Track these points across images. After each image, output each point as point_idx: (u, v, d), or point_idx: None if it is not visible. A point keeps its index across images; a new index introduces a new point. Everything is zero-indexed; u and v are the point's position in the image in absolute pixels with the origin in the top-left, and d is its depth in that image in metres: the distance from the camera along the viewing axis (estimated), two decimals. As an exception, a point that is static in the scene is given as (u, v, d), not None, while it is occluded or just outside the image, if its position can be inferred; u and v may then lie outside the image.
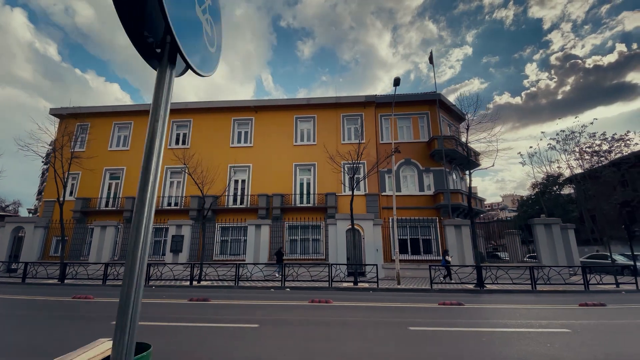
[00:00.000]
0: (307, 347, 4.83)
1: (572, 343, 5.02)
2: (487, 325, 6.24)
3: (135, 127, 23.13)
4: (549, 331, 5.76)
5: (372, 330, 5.90)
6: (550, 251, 16.19)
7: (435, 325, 6.25)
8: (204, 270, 14.52)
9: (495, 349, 4.73)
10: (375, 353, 4.53)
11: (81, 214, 21.27)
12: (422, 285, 13.14)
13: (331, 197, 20.25)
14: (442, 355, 4.46)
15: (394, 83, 14.48)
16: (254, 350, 4.65)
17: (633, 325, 6.34)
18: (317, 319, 6.82)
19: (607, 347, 4.78)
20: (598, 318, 6.96)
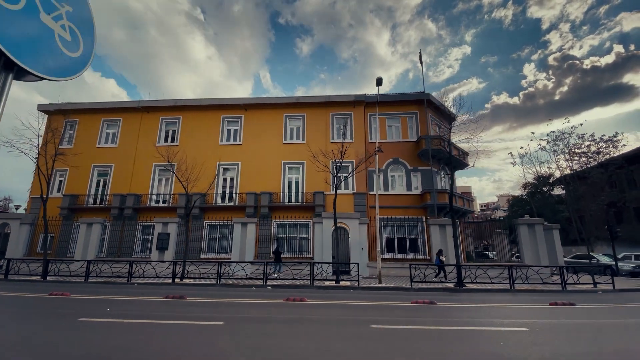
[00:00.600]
0: (261, 344, 4.88)
1: (525, 342, 5.10)
2: (450, 324, 6.33)
3: (123, 123, 23.03)
4: (508, 330, 5.85)
5: (334, 328, 5.97)
6: (532, 251, 16.36)
7: (399, 323, 6.33)
8: (188, 269, 14.56)
9: (446, 346, 4.81)
10: (325, 350, 4.59)
11: (68, 210, 21.18)
12: (403, 284, 13.23)
13: (319, 196, 20.31)
14: (391, 351, 4.52)
15: (376, 83, 14.53)
16: (207, 348, 4.70)
17: (593, 324, 6.45)
18: (285, 317, 6.88)
19: (558, 347, 4.87)
20: (561, 317, 7.06)
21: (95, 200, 21.90)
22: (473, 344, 4.95)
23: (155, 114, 22.96)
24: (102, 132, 23.16)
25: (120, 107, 23.17)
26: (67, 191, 22.10)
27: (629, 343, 5.12)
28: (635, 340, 5.30)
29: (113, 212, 20.75)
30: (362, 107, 22.36)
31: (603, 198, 25.13)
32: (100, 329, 5.90)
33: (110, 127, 23.31)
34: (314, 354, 4.42)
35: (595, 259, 19.22)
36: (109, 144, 22.91)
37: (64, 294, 9.94)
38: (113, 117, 23.23)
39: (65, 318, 6.80)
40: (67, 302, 8.88)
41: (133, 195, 20.91)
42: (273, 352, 4.50)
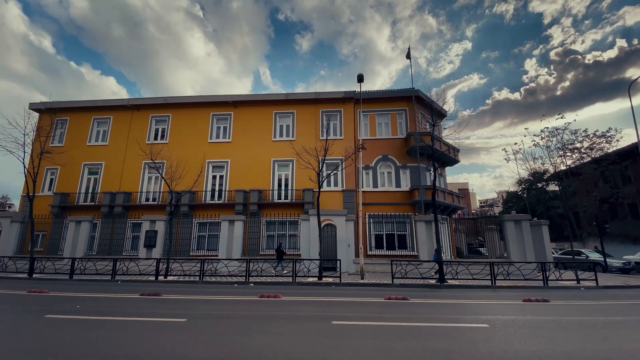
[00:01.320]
0: (212, 340, 4.90)
1: (479, 338, 5.10)
2: (412, 320, 6.33)
3: (114, 122, 23.04)
4: (468, 326, 5.85)
5: (294, 324, 5.98)
6: (519, 247, 16.32)
7: (362, 319, 6.33)
8: (173, 266, 14.62)
9: (395, 342, 4.81)
10: (276, 345, 4.60)
11: (59, 208, 21.25)
12: (386, 280, 13.23)
13: (308, 193, 20.28)
14: (338, 347, 4.52)
15: (357, 80, 14.46)
16: (156, 343, 4.72)
17: (558, 322, 6.43)
18: (250, 314, 6.90)
19: (511, 343, 4.86)
20: (528, 314, 7.05)
21: (86, 198, 21.96)
22: (423, 340, 4.95)
23: (145, 111, 22.96)
24: (93, 130, 23.18)
25: (111, 105, 23.15)
26: (58, 189, 22.17)
27: (584, 341, 5.10)
28: (592, 339, 5.28)
29: (103, 210, 20.81)
30: (352, 103, 22.29)
31: (595, 194, 25.02)
32: (62, 325, 5.94)
33: (101, 125, 23.33)
34: (260, 350, 4.43)
35: (585, 255, 19.17)
36: (99, 142, 22.94)
37: (42, 291, 10.01)
38: (103, 115, 23.25)
39: (33, 314, 6.84)
40: (43, 299, 8.94)
41: (123, 193, 20.96)
42: (219, 348, 4.52)
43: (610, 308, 8.02)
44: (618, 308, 8.00)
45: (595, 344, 4.84)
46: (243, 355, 4.22)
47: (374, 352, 4.35)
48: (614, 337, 5.25)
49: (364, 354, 4.28)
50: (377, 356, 4.21)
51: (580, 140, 27.83)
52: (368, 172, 21.40)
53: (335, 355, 4.20)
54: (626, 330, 5.76)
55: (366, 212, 20.48)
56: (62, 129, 23.52)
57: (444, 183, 23.62)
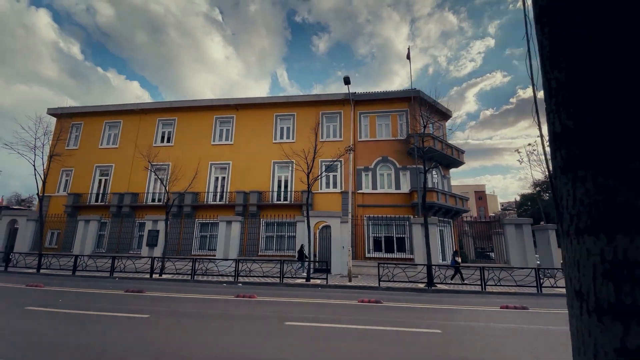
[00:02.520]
0: (161, 335, 5.09)
1: (422, 343, 5.05)
2: (368, 323, 6.28)
3: (124, 125, 24.08)
4: (419, 331, 5.76)
5: (248, 323, 6.10)
6: (519, 251, 15.76)
7: (317, 321, 6.36)
8: (171, 264, 15.10)
9: (332, 344, 4.82)
10: (211, 342, 4.73)
11: (72, 208, 22.40)
12: (375, 282, 13.12)
13: (307, 195, 20.38)
14: (275, 346, 4.59)
15: (344, 82, 14.47)
16: (103, 337, 4.96)
17: (519, 330, 6.22)
18: (214, 312, 7.08)
19: (456, 350, 4.77)
20: (494, 321, 6.85)
21: (97, 198, 23.03)
22: (361, 342, 4.94)
23: (152, 115, 23.85)
24: (105, 134, 24.31)
25: (121, 110, 24.22)
26: (72, 190, 23.38)
27: (531, 351, 4.93)
28: (540, 347, 5.10)
29: (112, 210, 21.77)
30: (352, 105, 22.22)
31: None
32: (35, 316, 6.33)
33: (112, 129, 24.44)
34: (190, 345, 4.57)
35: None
36: (110, 144, 24.03)
37: (38, 286, 10.64)
38: (114, 120, 24.35)
39: (15, 306, 7.31)
40: (35, 292, 9.50)
41: (130, 194, 21.85)
42: (161, 342, 4.70)
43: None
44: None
45: (520, 354, 4.67)
46: (167, 349, 4.37)
47: (297, 352, 4.40)
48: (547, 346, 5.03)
49: (287, 354, 4.34)
50: (299, 356, 4.26)
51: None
52: (367, 173, 21.28)
53: (259, 354, 4.28)
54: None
55: (365, 214, 20.39)
56: (77, 133, 24.82)
57: (447, 185, 23.10)
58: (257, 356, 4.22)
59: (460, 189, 65.61)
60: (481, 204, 66.88)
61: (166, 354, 4.23)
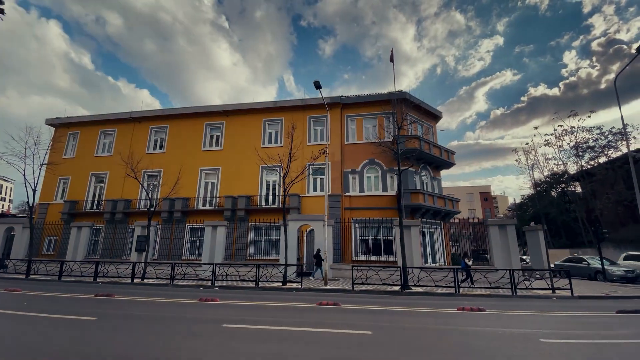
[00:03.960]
0: (98, 336, 5.21)
1: (342, 344, 5.06)
2: (306, 325, 6.30)
3: (118, 134, 24.69)
4: (350, 332, 5.77)
5: (187, 325, 6.19)
6: (503, 253, 15.48)
7: (257, 323, 6.39)
8: (152, 269, 15.37)
9: (257, 345, 4.86)
10: (140, 343, 4.82)
11: (69, 215, 23.02)
12: (347, 286, 13.08)
13: (294, 198, 20.55)
14: (201, 347, 4.65)
15: (315, 86, 14.57)
16: (42, 337, 5.11)
17: (459, 331, 6.15)
18: (163, 315, 7.20)
19: (370, 351, 4.77)
20: (435, 323, 6.79)
21: (92, 205, 23.61)
22: (283, 344, 4.97)
23: (145, 123, 24.41)
24: (100, 142, 24.98)
25: (115, 119, 24.86)
26: (69, 197, 24.04)
27: (455, 353, 4.90)
28: (454, 348, 5.05)
29: (106, 217, 22.29)
30: (339, 109, 22.34)
31: (610, 196, 23.12)
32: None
33: (107, 137, 25.10)
34: (116, 345, 4.68)
35: (587, 262, 17.74)
36: (105, 153, 24.65)
37: (16, 290, 10.99)
38: (109, 128, 25.00)
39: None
40: (8, 296, 9.81)
41: (123, 200, 22.34)
42: (91, 344, 4.82)
43: (543, 320, 7.48)
44: (553, 320, 7.44)
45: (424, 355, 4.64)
46: (84, 349, 4.48)
47: (211, 352, 4.46)
48: (463, 349, 4.96)
49: (199, 353, 4.40)
50: (206, 355, 4.33)
51: (595, 138, 25.98)
52: (355, 176, 21.29)
53: (182, 354, 4.37)
54: (497, 342, 5.37)
55: (352, 217, 20.37)
56: (74, 142, 25.57)
57: (438, 186, 22.91)
58: (166, 355, 4.30)
59: (464, 190, 64.85)
60: (487, 205, 65.81)
61: (79, 353, 4.36)
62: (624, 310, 8.16)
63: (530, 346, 5.04)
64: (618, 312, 8.11)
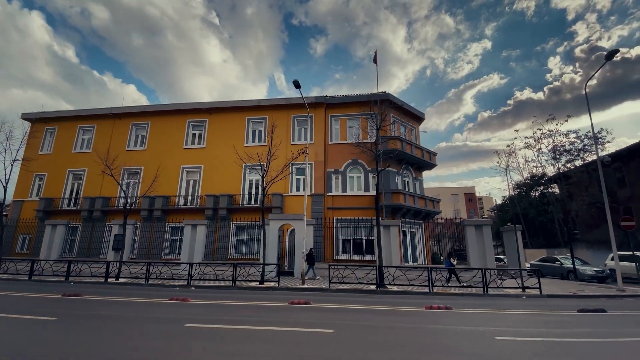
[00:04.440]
0: (54, 335, 5.10)
1: (302, 342, 5.09)
2: (274, 324, 6.27)
3: (97, 130, 24.13)
4: (313, 331, 5.80)
5: (151, 326, 6.11)
6: (479, 252, 15.80)
7: (219, 322, 6.35)
8: (132, 268, 15.09)
9: (211, 344, 4.85)
10: (94, 344, 4.73)
11: (44, 213, 22.36)
12: (325, 285, 13.13)
13: (277, 197, 20.50)
14: (157, 347, 4.59)
15: (295, 85, 14.59)
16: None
17: (419, 329, 6.26)
18: (126, 315, 7.08)
19: (335, 349, 4.80)
20: (403, 322, 6.90)
21: (69, 203, 23.01)
22: (240, 343, 4.97)
23: (126, 120, 23.92)
24: (78, 138, 24.35)
25: (95, 114, 24.27)
26: (45, 194, 23.36)
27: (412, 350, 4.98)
28: (407, 345, 5.15)
29: (83, 215, 21.75)
30: (323, 108, 22.38)
31: (584, 198, 23.88)
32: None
33: (86, 134, 24.49)
34: (69, 344, 4.59)
35: (560, 262, 18.29)
36: (83, 149, 24.05)
37: (-22, 290, 10.62)
38: (88, 124, 24.40)
39: None
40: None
41: (102, 198, 21.85)
42: (41, 344, 4.70)
43: (505, 318, 7.67)
44: (514, 318, 7.64)
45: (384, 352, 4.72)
46: (36, 351, 4.38)
47: (162, 351, 4.42)
48: (411, 344, 5.07)
49: (160, 354, 4.35)
50: (164, 356, 4.28)
51: (572, 141, 26.77)
52: (338, 176, 21.37)
53: (135, 354, 4.31)
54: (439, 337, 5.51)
55: (335, 217, 20.45)
56: (51, 138, 24.85)
57: (419, 187, 23.21)
58: (117, 355, 4.24)
59: (450, 191, 65.87)
60: (471, 205, 67.00)
61: (22, 353, 4.26)
62: (584, 309, 8.45)
63: (484, 343, 5.17)
64: (579, 310, 8.39)
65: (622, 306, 9.62)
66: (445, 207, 59.82)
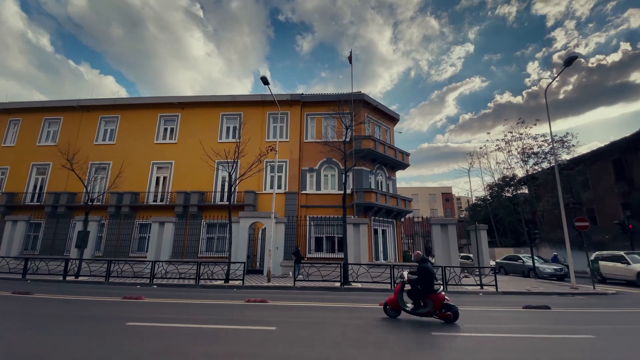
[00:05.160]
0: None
1: (246, 339, 5.09)
2: (219, 322, 6.24)
3: (64, 122, 23.22)
4: (255, 328, 5.81)
5: (89, 323, 5.97)
6: (444, 251, 16.21)
7: (169, 321, 6.27)
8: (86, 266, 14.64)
9: (144, 342, 4.78)
10: (27, 341, 4.57)
11: (6, 208, 21.38)
12: (289, 283, 13.16)
13: (250, 195, 20.34)
14: (91, 345, 4.49)
15: (262, 82, 14.53)
16: None
17: (360, 325, 6.39)
18: (71, 313, 6.90)
19: (272, 345, 4.81)
20: (353, 318, 7.02)
21: (33, 198, 22.08)
22: (179, 341, 4.92)
23: (95, 113, 23.13)
24: (44, 131, 23.37)
25: (61, 106, 23.34)
26: (7, 189, 22.33)
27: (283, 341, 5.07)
28: (356, 341, 5.24)
29: (47, 210, 20.92)
30: (299, 106, 22.34)
31: (548, 199, 24.90)
32: None
33: (52, 126, 23.53)
34: (8, 345, 4.43)
35: (522, 260, 19.04)
36: (49, 142, 23.10)
37: None
38: (54, 116, 23.44)
39: None
40: None
41: (67, 193, 21.08)
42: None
43: (466, 314, 7.89)
44: (460, 314, 7.89)
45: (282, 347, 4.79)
46: None
47: (98, 351, 4.33)
48: (321, 338, 5.18)
49: (91, 352, 4.26)
50: (95, 354, 4.20)
51: (539, 144, 27.80)
52: (312, 174, 21.41)
53: (65, 353, 4.20)
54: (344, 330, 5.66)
55: (308, 215, 20.51)
56: (14, 130, 23.74)
57: (392, 186, 23.58)
58: (48, 354, 4.12)
59: (427, 191, 67.20)
60: (448, 205, 68.59)
61: None
62: (529, 306, 8.82)
63: (419, 339, 5.32)
64: (524, 307, 8.75)
65: (569, 303, 10.09)
66: (423, 206, 61.04)
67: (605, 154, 24.95)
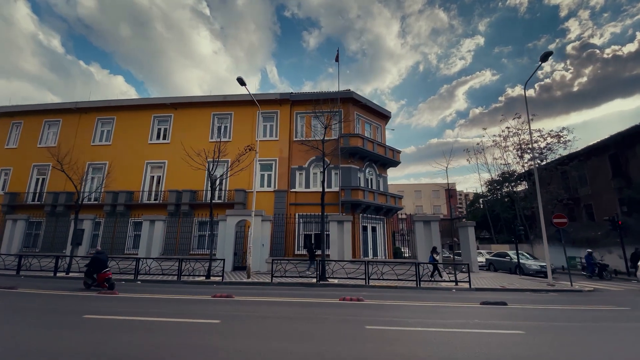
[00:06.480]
0: None
1: (186, 331, 5.41)
2: (173, 316, 6.59)
3: (63, 124, 24.00)
4: (201, 322, 6.13)
5: (50, 317, 6.38)
6: (427, 247, 16.32)
7: (126, 314, 6.62)
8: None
9: (101, 335, 5.12)
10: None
11: (9, 207, 22.31)
12: (267, 279, 13.50)
13: (240, 193, 20.76)
14: (45, 340, 4.83)
15: (239, 83, 14.81)
16: None
17: (309, 319, 6.65)
18: (44, 307, 7.35)
19: (210, 337, 5.11)
20: (300, 312, 7.29)
21: (34, 197, 22.95)
22: (123, 334, 5.27)
23: (91, 114, 23.84)
24: (44, 133, 24.21)
25: (60, 109, 24.14)
26: (10, 189, 23.26)
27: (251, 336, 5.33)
28: (305, 334, 5.50)
29: (47, 209, 21.75)
30: (289, 105, 22.59)
31: (543, 195, 24.60)
32: None
33: (52, 128, 24.35)
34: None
35: (509, 256, 18.99)
36: (49, 143, 23.89)
37: None
38: (53, 118, 24.25)
39: None
40: None
41: (66, 192, 21.85)
42: None
43: (405, 309, 8.09)
44: (413, 309, 8.08)
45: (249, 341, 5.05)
46: None
47: (42, 339, 4.70)
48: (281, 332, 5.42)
49: (32, 342, 4.63)
50: (29, 346, 4.56)
51: (535, 140, 27.42)
52: (301, 172, 21.69)
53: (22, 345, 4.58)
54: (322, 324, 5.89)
55: (297, 212, 20.83)
56: (17, 132, 24.66)
57: (383, 184, 23.68)
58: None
59: (431, 187, 66.79)
60: (452, 202, 68.05)
61: None
62: (487, 302, 8.94)
63: (350, 332, 5.55)
64: (482, 303, 8.88)
65: (533, 300, 10.13)
66: (425, 203, 60.74)
67: (602, 149, 24.53)
